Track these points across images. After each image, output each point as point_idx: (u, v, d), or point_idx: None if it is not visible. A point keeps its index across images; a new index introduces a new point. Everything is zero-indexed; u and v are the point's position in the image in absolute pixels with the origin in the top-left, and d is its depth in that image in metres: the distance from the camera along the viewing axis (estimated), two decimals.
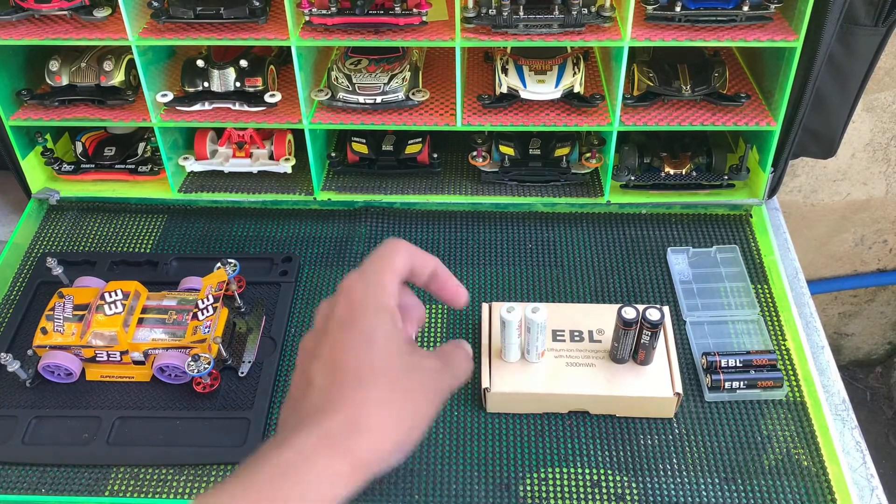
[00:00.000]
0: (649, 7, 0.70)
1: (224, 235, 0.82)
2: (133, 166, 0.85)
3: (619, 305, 0.61)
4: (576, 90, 0.77)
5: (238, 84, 0.78)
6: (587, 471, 0.61)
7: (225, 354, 0.68)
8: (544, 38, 0.71)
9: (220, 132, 0.86)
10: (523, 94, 0.76)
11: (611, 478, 0.61)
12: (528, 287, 0.76)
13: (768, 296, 0.75)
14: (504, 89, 0.77)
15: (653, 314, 0.61)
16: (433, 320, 0.73)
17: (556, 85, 0.76)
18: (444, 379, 0.46)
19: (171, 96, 0.78)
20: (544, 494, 0.60)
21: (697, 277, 0.76)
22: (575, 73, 0.77)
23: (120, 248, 0.81)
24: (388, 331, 0.44)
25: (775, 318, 0.72)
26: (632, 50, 0.74)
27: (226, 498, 0.38)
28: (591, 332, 0.66)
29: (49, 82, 0.79)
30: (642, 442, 0.63)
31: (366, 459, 0.40)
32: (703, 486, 0.60)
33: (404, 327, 0.46)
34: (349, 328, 0.44)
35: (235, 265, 0.73)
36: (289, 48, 0.73)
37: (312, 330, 0.46)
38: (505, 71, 0.78)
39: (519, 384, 0.63)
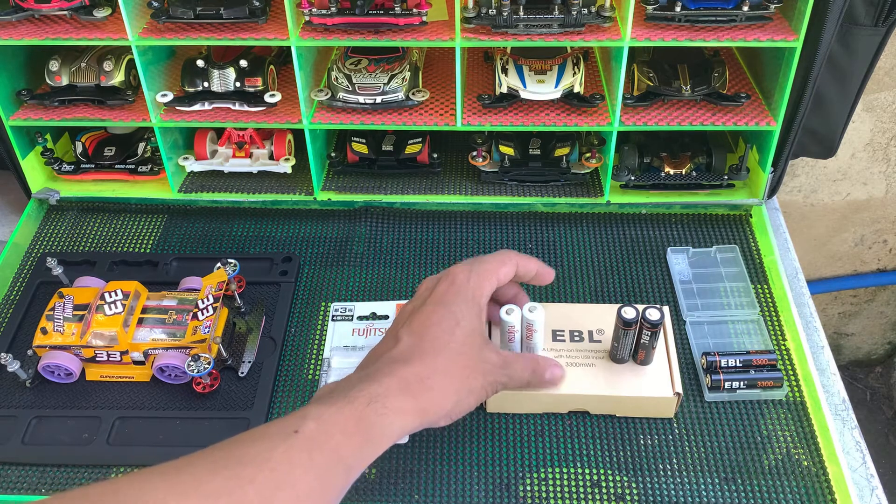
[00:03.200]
0: (649, 7, 0.70)
1: (224, 235, 0.82)
2: (133, 166, 0.85)
3: (619, 305, 0.61)
4: (576, 90, 0.77)
5: (238, 84, 0.79)
6: (587, 471, 0.61)
7: (225, 354, 0.68)
8: (544, 38, 0.71)
9: (220, 132, 0.86)
10: (523, 94, 0.76)
11: (611, 478, 0.61)
12: (528, 287, 0.76)
13: (768, 296, 0.75)
14: (504, 89, 0.77)
15: (653, 314, 0.61)
16: None
17: (556, 85, 0.76)
18: (500, 375, 0.56)
19: (171, 96, 0.78)
20: (544, 494, 0.60)
21: (697, 277, 0.76)
22: (575, 73, 0.77)
23: (120, 248, 0.81)
24: (471, 320, 0.54)
25: (775, 318, 0.72)
26: (632, 50, 0.74)
27: (333, 410, 0.48)
28: (591, 332, 0.66)
29: (49, 82, 0.79)
30: (642, 442, 0.63)
31: (426, 409, 0.50)
32: (703, 486, 0.60)
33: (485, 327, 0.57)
34: (443, 307, 0.54)
35: (235, 265, 0.73)
36: (289, 48, 0.73)
37: (412, 300, 0.58)
38: (505, 71, 0.78)
39: None
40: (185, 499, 0.41)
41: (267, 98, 0.78)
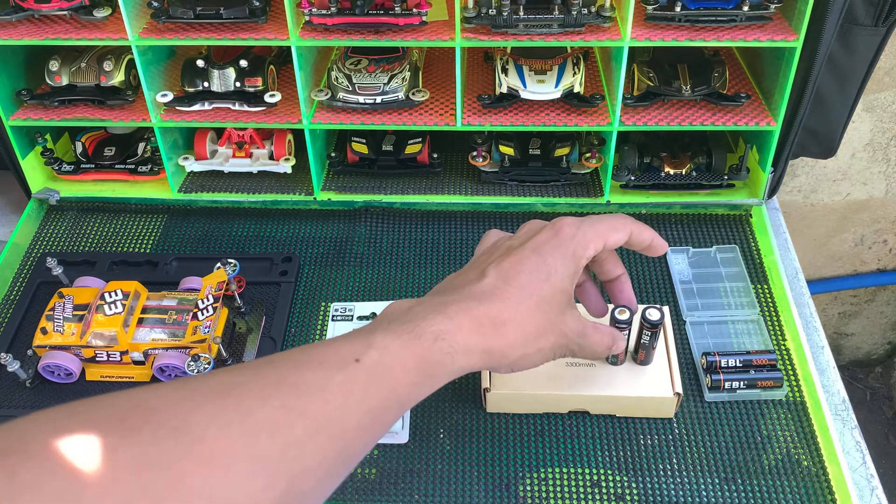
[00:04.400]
0: (649, 7, 0.70)
1: (224, 235, 0.82)
2: (133, 166, 0.85)
3: (614, 306, 0.61)
4: (576, 90, 0.77)
5: (238, 84, 0.79)
6: (587, 471, 0.61)
7: (225, 354, 0.68)
8: (544, 38, 0.71)
9: (219, 132, 0.86)
10: (523, 94, 0.76)
11: (611, 478, 0.61)
12: None
13: (768, 296, 0.75)
14: (504, 89, 0.77)
15: (653, 314, 0.61)
16: None
17: (556, 85, 0.76)
18: (573, 344, 0.53)
19: (171, 96, 0.78)
20: (544, 494, 0.60)
21: (697, 277, 0.76)
22: (575, 73, 0.77)
23: (120, 248, 0.81)
24: (564, 278, 0.51)
25: (775, 318, 0.72)
26: (632, 50, 0.74)
27: (398, 344, 0.45)
28: None
29: (49, 82, 0.79)
30: (642, 442, 0.63)
31: (492, 352, 0.48)
32: (703, 486, 0.60)
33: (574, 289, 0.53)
34: (538, 256, 0.51)
35: (235, 265, 0.73)
36: (289, 48, 0.73)
37: (511, 237, 0.54)
38: (505, 71, 0.78)
39: (519, 384, 0.63)
40: (228, 429, 0.37)
41: (267, 98, 0.78)
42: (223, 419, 0.37)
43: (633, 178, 0.81)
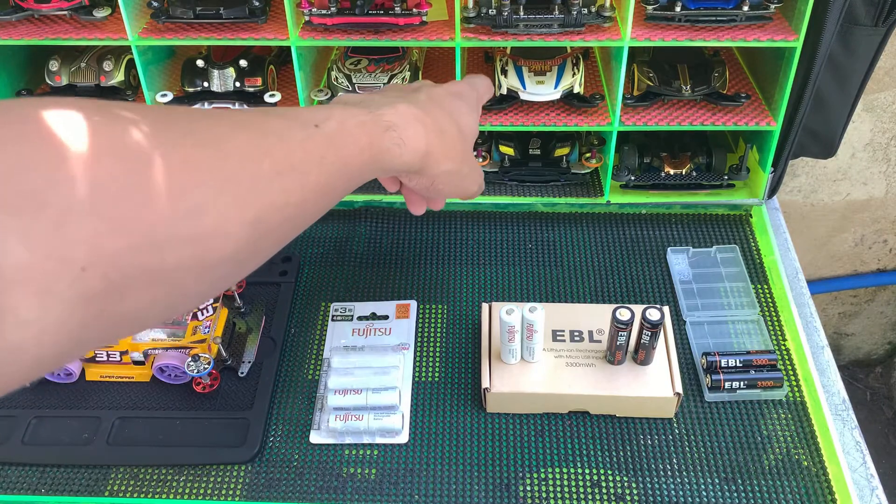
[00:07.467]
0: (649, 7, 0.70)
1: None
2: None
3: (614, 306, 0.61)
4: (575, 90, 0.77)
5: (238, 84, 0.78)
6: (587, 471, 0.61)
7: (225, 354, 0.68)
8: (544, 38, 0.71)
9: None
10: (523, 96, 0.76)
11: (611, 478, 0.61)
12: (528, 287, 0.76)
13: (768, 296, 0.75)
14: (504, 90, 0.77)
15: (653, 314, 0.61)
16: (433, 320, 0.73)
17: (556, 85, 0.76)
18: (475, 180, 0.62)
19: (170, 96, 0.78)
20: (544, 494, 0.60)
21: (697, 277, 0.76)
22: (574, 73, 0.77)
23: None
24: (473, 123, 0.62)
25: (775, 318, 0.72)
26: (632, 50, 0.74)
27: (355, 122, 0.48)
28: (591, 332, 0.66)
29: (49, 82, 0.79)
30: (642, 442, 0.63)
31: (430, 155, 0.54)
32: (703, 486, 0.60)
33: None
34: (456, 97, 0.61)
35: None
36: (289, 48, 0.73)
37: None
38: (504, 72, 0.77)
39: (519, 384, 0.63)
40: (202, 148, 0.37)
41: (267, 98, 0.78)
42: (198, 138, 0.38)
43: (633, 178, 0.81)
